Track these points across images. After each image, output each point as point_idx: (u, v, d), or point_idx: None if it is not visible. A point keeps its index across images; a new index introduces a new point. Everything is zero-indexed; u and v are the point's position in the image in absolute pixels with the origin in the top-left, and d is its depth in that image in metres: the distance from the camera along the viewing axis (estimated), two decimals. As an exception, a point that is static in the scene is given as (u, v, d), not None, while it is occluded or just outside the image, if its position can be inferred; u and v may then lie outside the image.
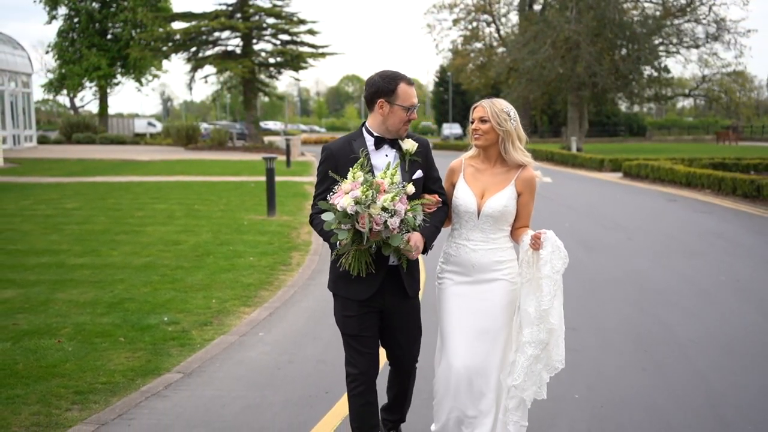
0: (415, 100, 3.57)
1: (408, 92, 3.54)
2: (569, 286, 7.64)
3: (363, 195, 3.21)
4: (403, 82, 3.54)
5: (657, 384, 5.09)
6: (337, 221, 3.27)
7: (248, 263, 9.13)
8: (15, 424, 4.38)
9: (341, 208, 3.24)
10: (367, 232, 3.23)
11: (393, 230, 3.27)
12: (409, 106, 3.53)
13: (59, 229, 11.61)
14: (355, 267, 3.42)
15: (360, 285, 3.51)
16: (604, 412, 4.59)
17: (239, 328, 6.45)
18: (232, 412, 4.63)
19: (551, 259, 3.52)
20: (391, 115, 3.53)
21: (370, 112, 3.60)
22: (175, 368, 5.42)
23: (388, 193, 3.25)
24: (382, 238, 3.30)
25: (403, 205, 3.28)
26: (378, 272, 3.48)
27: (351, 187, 3.27)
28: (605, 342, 6.07)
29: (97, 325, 6.34)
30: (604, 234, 11.69)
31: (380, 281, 3.52)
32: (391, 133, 3.58)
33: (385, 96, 3.52)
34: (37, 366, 5.33)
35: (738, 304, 7.31)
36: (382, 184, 3.28)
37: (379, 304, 3.58)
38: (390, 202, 3.23)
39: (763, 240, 11.13)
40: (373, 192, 3.23)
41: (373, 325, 3.62)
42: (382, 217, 3.22)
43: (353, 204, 3.21)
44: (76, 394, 4.85)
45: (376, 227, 3.23)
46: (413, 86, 3.59)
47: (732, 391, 4.94)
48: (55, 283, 7.88)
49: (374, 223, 3.22)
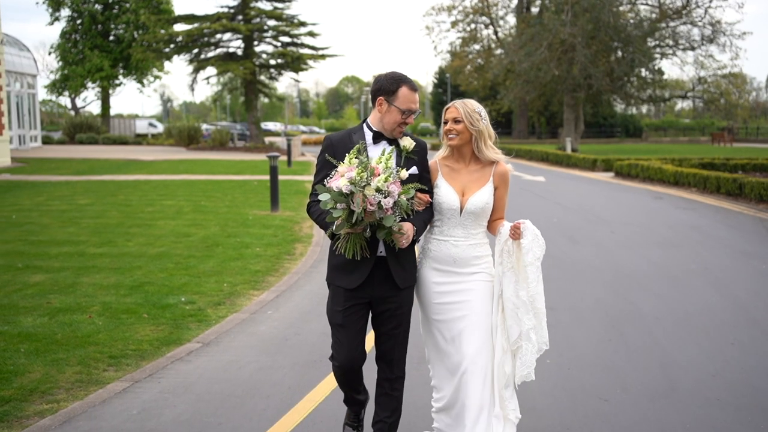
0: (415, 105, 3.66)
1: (408, 96, 3.64)
2: (551, 273, 8.43)
3: (358, 176, 3.35)
4: (406, 86, 3.65)
5: (618, 350, 5.81)
6: (333, 201, 3.40)
7: (255, 253, 9.83)
8: (61, 381, 5.08)
9: (337, 189, 3.38)
10: (361, 212, 3.35)
11: (386, 211, 3.40)
12: (406, 109, 3.64)
13: (75, 222, 12.31)
14: (350, 250, 3.53)
15: (350, 275, 3.65)
16: (570, 373, 5.29)
17: (250, 308, 7.16)
18: (248, 373, 5.33)
19: (532, 248, 3.67)
20: (388, 114, 3.66)
21: (373, 108, 3.75)
22: (194, 339, 6.13)
23: (382, 175, 3.40)
24: (376, 219, 3.41)
25: (396, 187, 3.42)
26: (367, 262, 3.62)
27: (347, 170, 3.42)
28: (578, 318, 6.77)
29: (121, 304, 7.05)
30: (589, 228, 12.40)
31: (369, 271, 3.63)
32: (386, 131, 3.71)
33: (386, 95, 3.65)
34: (74, 336, 6.03)
35: (702, 287, 8.02)
36: (376, 168, 3.43)
37: (368, 294, 3.70)
38: (384, 183, 3.37)
39: (736, 233, 11.84)
40: (368, 174, 3.38)
41: (359, 319, 3.73)
42: (375, 197, 3.35)
43: (348, 184, 3.35)
44: (111, 358, 5.56)
45: (370, 207, 3.35)
46: (416, 92, 3.67)
47: (682, 355, 5.66)
48: (79, 269, 8.59)
49: (368, 203, 3.34)
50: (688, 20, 40.91)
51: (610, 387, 5.04)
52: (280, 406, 4.68)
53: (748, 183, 16.06)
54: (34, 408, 4.63)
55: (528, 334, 3.71)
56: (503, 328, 3.75)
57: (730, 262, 9.42)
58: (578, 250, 10.24)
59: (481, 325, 3.71)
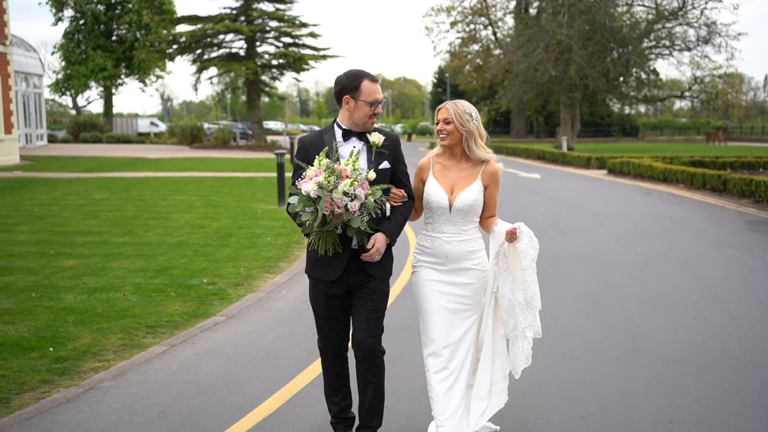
0: (379, 96, 3.78)
1: (371, 88, 3.76)
2: (539, 261, 9.13)
3: (325, 180, 3.47)
4: (366, 79, 3.76)
5: (594, 322, 6.59)
6: (301, 204, 3.52)
7: (266, 242, 10.60)
8: (108, 345, 5.86)
9: (305, 193, 3.49)
10: (330, 214, 3.49)
11: (353, 213, 3.51)
12: (372, 101, 3.75)
13: (95, 215, 13.08)
14: (322, 247, 3.65)
15: (328, 267, 3.78)
16: (548, 340, 6.04)
17: (266, 288, 7.94)
18: (269, 340, 6.11)
19: (528, 251, 3.80)
20: (357, 110, 3.76)
21: (339, 108, 3.87)
22: (219, 313, 6.91)
23: (349, 179, 3.50)
24: (343, 220, 3.54)
25: (363, 190, 3.52)
26: (342, 256, 3.74)
27: (315, 173, 3.51)
28: (561, 299, 7.54)
29: (150, 285, 7.82)
30: (577, 221, 13.18)
31: (345, 263, 3.76)
32: (358, 126, 3.80)
33: (350, 92, 3.76)
34: (112, 310, 6.81)
35: (677, 271, 8.80)
36: (344, 170, 3.52)
37: (345, 285, 3.82)
38: (350, 187, 3.48)
39: (716, 225, 12.62)
40: (335, 178, 3.49)
41: (340, 307, 3.88)
42: (342, 200, 3.47)
43: (316, 188, 3.47)
44: (148, 327, 6.34)
45: (337, 210, 3.47)
46: (377, 83, 3.80)
47: (649, 325, 6.45)
48: (106, 256, 9.36)
49: (336, 206, 3.47)
50: (684, 21, 41.71)
51: (582, 349, 5.81)
52: (299, 365, 5.45)
53: (732, 179, 16.84)
54: (89, 365, 5.41)
55: (524, 332, 3.90)
56: (497, 320, 3.93)
57: (706, 250, 10.20)
58: (566, 241, 11.01)
59: (475, 316, 3.92)
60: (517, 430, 4.27)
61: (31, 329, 6.14)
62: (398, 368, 5.24)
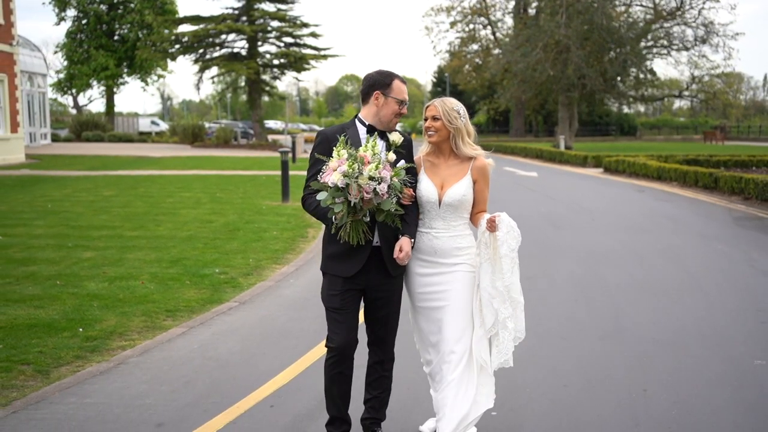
0: (407, 97, 3.92)
1: (401, 88, 3.89)
2: (534, 252, 9.73)
3: (350, 168, 3.52)
4: (397, 79, 3.90)
5: (581, 307, 7.10)
6: (331, 197, 3.56)
7: (273, 236, 11.10)
8: (132, 326, 6.36)
9: (332, 184, 3.53)
10: (359, 201, 3.54)
11: (383, 196, 3.57)
12: (402, 99, 3.87)
13: (106, 211, 13.58)
14: (353, 237, 3.68)
15: (347, 263, 3.81)
16: (539, 321, 6.55)
17: (274, 277, 8.44)
18: (280, 322, 6.61)
19: (507, 240, 3.82)
20: (386, 107, 3.86)
21: (365, 104, 3.93)
22: (232, 299, 7.41)
23: (372, 163, 3.56)
24: (374, 205, 3.59)
25: (387, 172, 3.60)
26: (363, 251, 3.79)
27: (338, 164, 3.56)
28: (552, 285, 8.04)
29: (166, 274, 8.32)
30: (572, 216, 13.69)
31: (365, 259, 3.80)
32: (383, 124, 3.89)
33: (381, 88, 3.85)
34: (133, 296, 7.30)
35: (662, 262, 9.30)
36: (365, 156, 3.59)
37: (363, 282, 3.86)
38: (375, 170, 3.54)
39: (704, 220, 13.13)
40: (359, 164, 3.55)
41: (354, 302, 3.91)
42: (370, 185, 3.53)
43: (342, 178, 3.51)
44: (167, 312, 6.84)
45: (366, 195, 3.53)
46: (406, 85, 3.93)
47: (631, 310, 6.96)
48: (122, 248, 9.86)
49: (364, 191, 3.52)
50: (682, 21, 42.22)
51: (569, 330, 6.31)
52: (308, 344, 5.94)
53: (723, 177, 17.35)
54: (116, 344, 5.90)
55: (504, 322, 3.88)
56: (479, 317, 3.93)
57: (692, 243, 10.70)
58: (559, 234, 11.52)
59: (461, 314, 3.91)
60: (506, 396, 4.75)
61: (60, 313, 6.64)
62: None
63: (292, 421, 4.41)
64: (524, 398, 4.81)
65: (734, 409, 4.60)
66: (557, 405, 4.69)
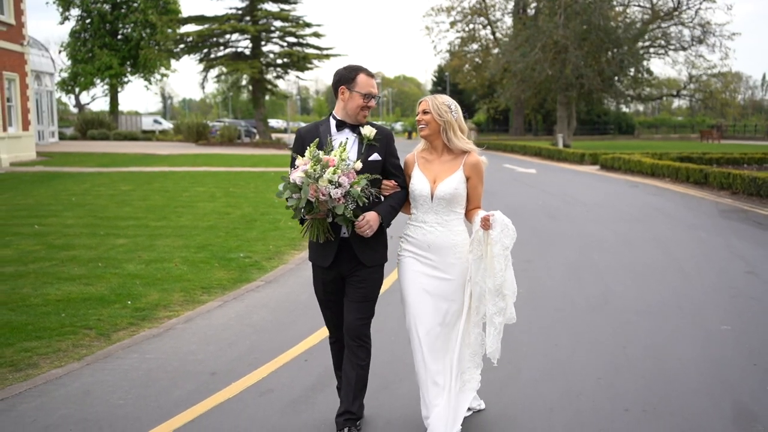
0: (374, 90, 3.96)
1: (366, 81, 3.94)
2: (531, 240, 10.54)
3: (311, 169, 3.69)
4: (362, 72, 3.96)
5: (574, 285, 7.89)
6: (287, 191, 3.74)
7: (288, 226, 11.88)
8: (173, 300, 7.15)
9: (292, 181, 3.72)
10: (315, 201, 3.70)
11: (337, 200, 3.69)
12: (366, 93, 3.93)
13: (128, 204, 14.37)
14: (313, 234, 3.88)
15: (323, 254, 4.01)
16: (535, 297, 7.34)
17: (294, 261, 9.24)
18: (303, 297, 7.40)
19: (501, 239, 3.87)
20: (351, 101, 3.94)
21: (336, 99, 4.03)
22: (258, 279, 8.21)
23: (333, 168, 3.69)
24: (328, 207, 3.73)
25: (347, 179, 3.70)
26: (332, 243, 3.95)
27: (304, 162, 3.74)
28: (548, 268, 8.83)
29: (196, 258, 9.12)
30: (567, 208, 14.49)
31: (335, 251, 3.97)
32: (350, 117, 3.97)
33: (346, 83, 3.94)
34: (169, 276, 8.10)
35: (650, 249, 10.10)
36: (331, 160, 3.72)
37: (338, 272, 4.04)
38: (333, 175, 3.67)
39: (692, 213, 13.93)
40: (321, 167, 3.70)
41: (337, 291, 4.10)
42: (327, 188, 3.66)
43: (303, 176, 3.69)
44: (202, 288, 7.64)
45: (321, 197, 3.67)
46: (373, 78, 4.00)
47: (618, 287, 7.76)
48: (150, 236, 10.65)
49: (320, 193, 3.67)
50: (679, 21, 43.01)
51: (561, 304, 7.11)
52: (332, 315, 6.74)
53: (712, 173, 18.16)
54: (163, 314, 6.70)
55: (492, 318, 3.98)
56: (471, 307, 4.07)
57: (679, 233, 11.51)
58: (555, 224, 12.31)
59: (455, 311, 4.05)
60: (504, 353, 5.54)
61: (108, 289, 7.44)
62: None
63: (325, 371, 5.20)
64: (521, 354, 5.60)
65: (701, 363, 5.39)
66: (548, 358, 5.50)
